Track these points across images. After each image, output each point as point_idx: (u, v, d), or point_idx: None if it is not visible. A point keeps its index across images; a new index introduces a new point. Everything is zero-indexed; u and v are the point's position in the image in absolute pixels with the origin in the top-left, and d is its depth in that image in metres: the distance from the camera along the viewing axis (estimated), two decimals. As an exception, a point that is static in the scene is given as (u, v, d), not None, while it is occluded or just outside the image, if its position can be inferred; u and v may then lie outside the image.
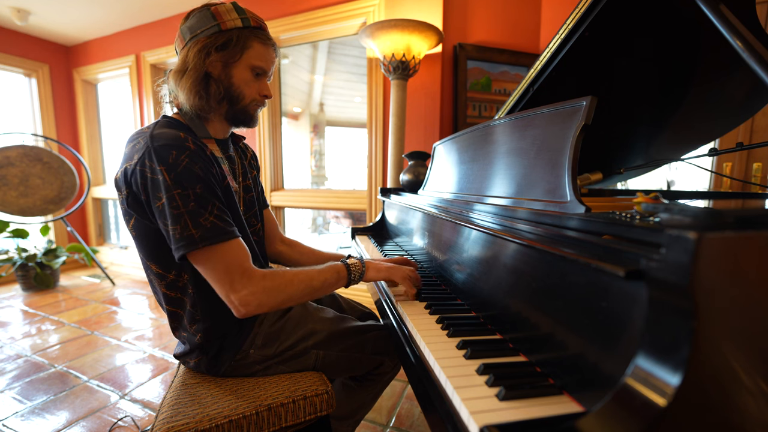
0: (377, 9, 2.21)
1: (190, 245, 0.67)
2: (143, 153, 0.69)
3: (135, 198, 0.72)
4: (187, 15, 0.81)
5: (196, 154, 0.72)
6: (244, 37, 0.80)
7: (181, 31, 0.81)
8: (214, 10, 0.79)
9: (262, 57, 0.83)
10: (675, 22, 0.84)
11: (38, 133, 3.42)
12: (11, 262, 2.96)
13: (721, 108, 1.08)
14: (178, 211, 0.67)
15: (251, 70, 0.83)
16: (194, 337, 0.81)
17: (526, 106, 1.09)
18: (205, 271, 0.71)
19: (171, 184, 0.67)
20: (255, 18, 0.82)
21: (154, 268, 0.78)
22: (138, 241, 0.78)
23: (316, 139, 3.14)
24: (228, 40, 0.78)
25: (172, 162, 0.68)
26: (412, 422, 1.43)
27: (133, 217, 0.75)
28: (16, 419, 1.43)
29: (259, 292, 0.71)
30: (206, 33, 0.78)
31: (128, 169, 0.71)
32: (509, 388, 0.45)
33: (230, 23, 0.79)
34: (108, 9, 2.88)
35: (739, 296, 0.34)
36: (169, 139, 0.70)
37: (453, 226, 0.90)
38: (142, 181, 0.70)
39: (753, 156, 1.85)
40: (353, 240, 1.60)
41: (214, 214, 0.70)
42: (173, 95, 0.84)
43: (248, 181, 0.96)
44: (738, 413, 0.32)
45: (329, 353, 0.87)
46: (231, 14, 0.79)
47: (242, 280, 0.70)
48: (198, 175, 0.70)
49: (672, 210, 0.42)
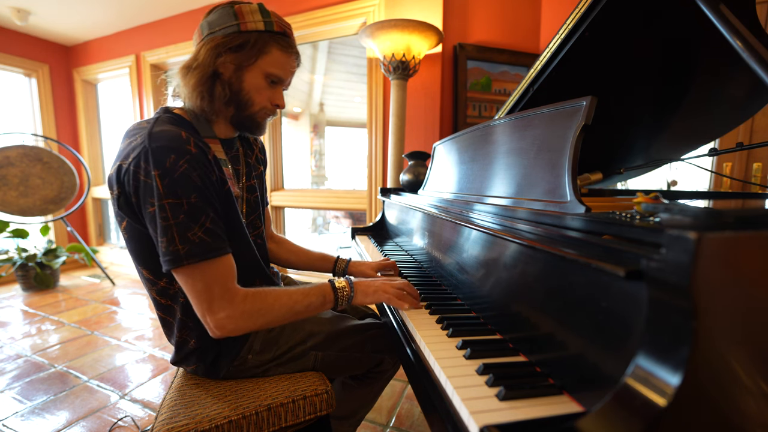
0: (377, 9, 2.21)
1: (174, 261, 0.64)
2: (139, 153, 0.65)
3: (126, 199, 0.68)
4: (210, 9, 0.77)
5: (196, 160, 0.67)
6: (263, 42, 0.75)
7: (200, 25, 0.77)
8: (238, 8, 0.75)
9: (280, 65, 0.78)
10: (675, 22, 0.84)
11: (38, 133, 3.42)
12: (11, 262, 2.96)
13: (721, 108, 1.08)
14: (167, 222, 0.64)
15: (266, 76, 0.78)
16: (187, 344, 0.79)
17: (526, 106, 1.08)
18: (185, 287, 0.67)
19: (164, 192, 0.63)
20: (280, 23, 0.78)
21: (145, 273, 0.75)
22: (130, 245, 0.74)
23: (316, 139, 3.14)
24: (245, 42, 0.74)
25: (169, 167, 0.64)
26: (412, 422, 1.43)
27: (125, 220, 0.71)
28: (16, 419, 1.43)
29: (236, 316, 0.68)
30: (224, 32, 0.74)
31: (122, 167, 0.67)
32: (509, 388, 0.45)
33: (251, 25, 0.74)
34: (108, 9, 2.88)
35: (739, 296, 0.34)
36: (169, 140, 0.66)
37: (453, 226, 0.90)
38: (134, 183, 0.65)
39: (753, 156, 1.85)
40: (353, 240, 1.60)
41: (204, 227, 0.66)
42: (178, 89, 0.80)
43: (253, 180, 0.92)
44: (738, 413, 0.32)
45: (328, 354, 0.86)
46: (254, 15, 0.75)
47: (221, 301, 0.67)
48: (195, 184, 0.66)
49: (672, 210, 0.42)
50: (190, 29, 2.89)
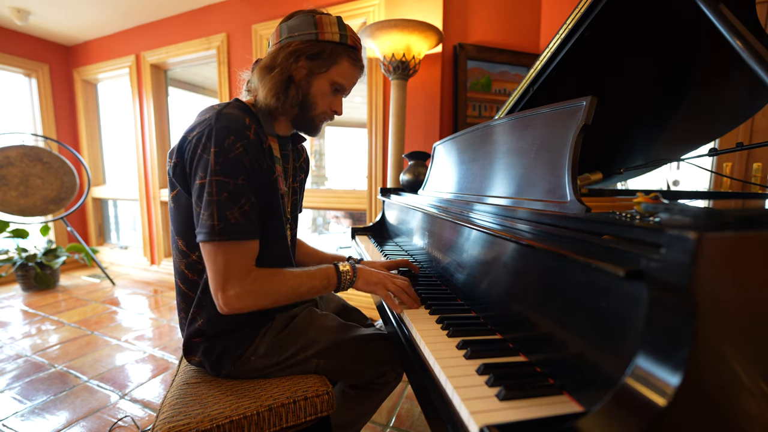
0: (377, 9, 2.21)
1: (209, 234, 0.69)
2: (203, 129, 0.71)
3: (182, 169, 0.74)
4: (292, 14, 0.82)
5: (252, 145, 0.73)
6: (337, 53, 0.81)
7: (280, 27, 0.82)
8: (318, 18, 0.80)
9: (347, 76, 0.85)
10: (675, 22, 0.84)
11: (38, 133, 3.42)
12: (11, 262, 2.96)
13: (721, 108, 1.08)
14: (211, 198, 0.69)
15: (331, 84, 0.84)
16: (196, 322, 0.81)
17: (526, 106, 1.08)
18: (207, 260, 0.72)
19: (215, 168, 0.69)
20: (354, 37, 0.83)
21: (180, 243, 0.80)
22: (174, 213, 0.80)
23: (316, 139, 3.14)
24: (321, 51, 0.80)
25: (227, 147, 0.70)
26: (412, 422, 1.43)
27: (177, 189, 0.77)
28: (16, 419, 1.43)
29: (245, 294, 0.72)
30: (302, 38, 0.79)
31: (186, 138, 0.73)
32: (509, 388, 0.45)
33: (328, 36, 0.80)
34: (108, 9, 2.88)
35: (739, 296, 0.34)
36: (232, 122, 0.72)
37: (453, 226, 0.90)
38: (192, 155, 0.72)
39: (753, 156, 1.85)
40: (353, 240, 1.60)
41: (242, 210, 0.71)
42: (252, 86, 0.85)
43: (296, 183, 0.98)
44: (738, 413, 0.32)
45: (330, 362, 0.86)
46: (332, 27, 0.80)
47: (234, 280, 0.71)
48: (245, 167, 0.72)
49: (672, 210, 0.42)
50: (190, 29, 2.88)
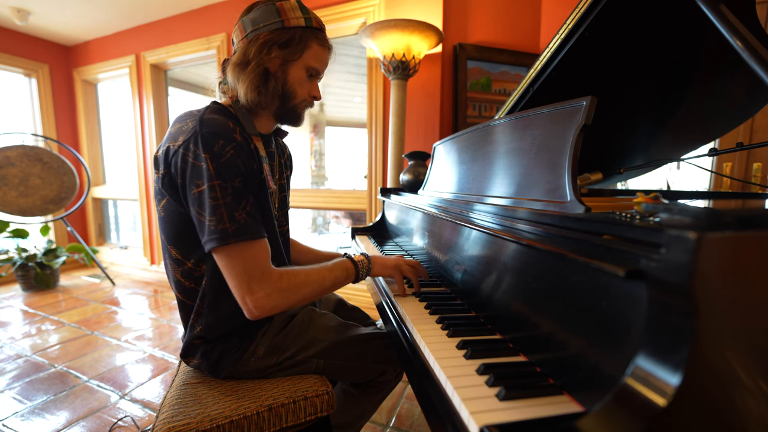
0: (377, 9, 2.21)
1: (222, 239, 0.67)
2: (189, 136, 0.70)
3: (171, 180, 0.73)
4: (249, 7, 0.81)
5: (241, 147, 0.73)
6: (306, 37, 0.80)
7: (242, 22, 0.81)
8: (279, 6, 0.79)
9: (319, 58, 0.84)
10: (675, 23, 0.84)
11: (38, 133, 3.42)
12: (11, 262, 2.96)
13: (721, 108, 1.08)
14: (217, 202, 0.68)
15: (307, 70, 0.83)
16: (194, 329, 0.81)
17: (526, 106, 1.08)
18: (225, 268, 0.70)
19: (214, 173, 0.68)
20: (317, 19, 0.83)
21: (173, 252, 0.78)
22: (164, 223, 0.78)
23: (316, 139, 3.13)
24: (291, 38, 0.79)
25: (218, 151, 0.69)
26: (412, 422, 1.43)
27: (165, 198, 0.75)
28: (16, 419, 1.43)
29: (274, 293, 0.71)
30: (269, 28, 0.78)
31: (171, 149, 0.71)
32: (509, 388, 0.45)
33: (294, 21, 0.79)
34: (108, 9, 2.88)
35: (740, 296, 0.34)
36: (218, 127, 0.71)
37: (453, 226, 0.90)
38: (182, 165, 0.70)
39: (753, 156, 1.85)
40: (353, 240, 1.60)
41: (246, 210, 0.71)
42: (228, 86, 0.84)
43: (283, 180, 0.98)
44: (738, 413, 0.32)
45: (330, 362, 0.86)
46: (295, 12, 0.79)
47: (260, 281, 0.70)
48: (239, 169, 0.71)
49: (672, 210, 0.42)
50: (190, 29, 2.88)
